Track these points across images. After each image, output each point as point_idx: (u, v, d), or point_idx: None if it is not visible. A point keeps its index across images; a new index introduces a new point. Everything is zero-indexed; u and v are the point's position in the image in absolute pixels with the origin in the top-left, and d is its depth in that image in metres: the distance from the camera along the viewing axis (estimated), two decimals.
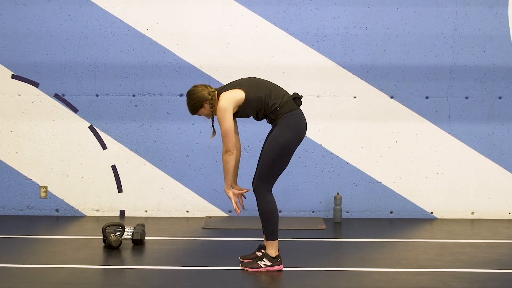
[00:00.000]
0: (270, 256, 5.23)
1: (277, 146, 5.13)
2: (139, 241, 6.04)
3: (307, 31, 7.16)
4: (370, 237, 6.43)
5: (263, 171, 5.18)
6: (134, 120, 7.25)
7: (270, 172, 5.18)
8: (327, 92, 7.23)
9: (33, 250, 5.86)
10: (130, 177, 7.31)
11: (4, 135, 7.25)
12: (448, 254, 5.81)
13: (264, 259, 5.23)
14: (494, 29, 7.16)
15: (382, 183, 7.31)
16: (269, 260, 5.23)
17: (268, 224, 5.23)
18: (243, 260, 5.39)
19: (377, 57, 7.19)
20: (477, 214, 7.35)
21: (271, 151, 5.15)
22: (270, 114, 5.19)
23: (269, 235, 5.23)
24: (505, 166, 7.29)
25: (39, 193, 7.30)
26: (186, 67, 7.20)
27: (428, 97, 7.23)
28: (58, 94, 7.22)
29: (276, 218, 5.22)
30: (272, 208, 5.21)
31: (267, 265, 5.22)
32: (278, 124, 5.17)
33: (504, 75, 7.20)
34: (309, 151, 7.26)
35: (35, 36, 7.16)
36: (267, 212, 5.20)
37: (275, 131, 5.18)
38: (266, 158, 5.17)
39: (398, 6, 7.15)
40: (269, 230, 5.23)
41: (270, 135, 5.23)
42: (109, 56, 7.18)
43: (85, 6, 7.13)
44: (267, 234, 5.25)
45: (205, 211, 7.34)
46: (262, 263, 5.22)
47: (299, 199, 7.31)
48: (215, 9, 7.15)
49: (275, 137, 5.15)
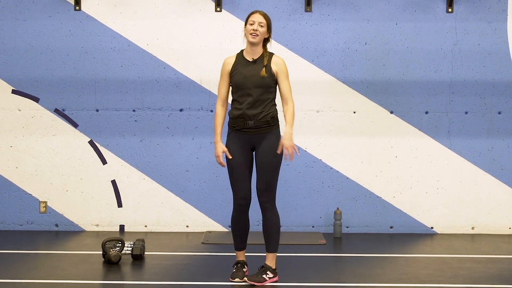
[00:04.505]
0: (272, 269, 5.36)
1: (278, 156, 5.26)
2: (138, 256, 6.02)
3: (307, 46, 7.19)
4: (370, 252, 6.42)
5: (273, 184, 5.31)
6: (134, 135, 7.25)
7: (276, 183, 5.33)
8: (327, 107, 7.24)
9: (32, 265, 5.85)
10: (130, 192, 7.30)
11: (4, 150, 7.25)
12: (448, 269, 5.80)
13: (268, 272, 5.33)
14: (493, 44, 7.18)
15: (382, 198, 7.30)
16: (272, 272, 5.35)
17: (277, 236, 5.39)
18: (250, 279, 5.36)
19: (376, 72, 7.21)
20: (477, 229, 7.34)
21: (275, 163, 5.27)
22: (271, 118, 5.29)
23: (275, 246, 5.38)
24: (505, 181, 7.28)
25: (38, 208, 7.29)
26: (186, 82, 7.21)
27: (428, 112, 7.24)
28: (58, 109, 7.23)
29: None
30: (279, 219, 5.40)
31: (270, 277, 5.33)
32: (273, 133, 5.29)
33: (503, 90, 7.21)
34: (309, 166, 7.26)
35: (35, 51, 7.18)
36: (277, 224, 5.38)
37: (272, 143, 5.25)
38: (272, 170, 5.28)
39: (397, 21, 7.18)
40: (276, 242, 5.38)
41: (265, 146, 5.26)
42: (109, 71, 7.20)
43: (85, 22, 7.16)
44: (273, 246, 5.37)
45: (205, 226, 7.33)
46: (267, 276, 5.32)
47: (299, 214, 7.30)
48: (215, 24, 7.18)
49: (274, 149, 5.24)
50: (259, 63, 5.29)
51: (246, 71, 5.26)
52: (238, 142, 5.31)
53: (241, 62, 5.33)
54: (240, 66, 5.31)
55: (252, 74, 5.25)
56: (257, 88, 5.23)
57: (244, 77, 5.25)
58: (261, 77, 5.23)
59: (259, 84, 5.23)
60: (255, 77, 5.23)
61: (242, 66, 5.30)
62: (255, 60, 5.30)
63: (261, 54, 5.32)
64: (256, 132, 5.27)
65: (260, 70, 5.25)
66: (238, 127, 5.28)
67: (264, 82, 5.24)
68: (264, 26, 5.25)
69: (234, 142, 5.32)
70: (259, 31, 5.23)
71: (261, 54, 5.32)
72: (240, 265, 5.44)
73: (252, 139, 5.29)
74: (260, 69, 5.25)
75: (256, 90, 5.22)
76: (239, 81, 5.26)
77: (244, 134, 5.29)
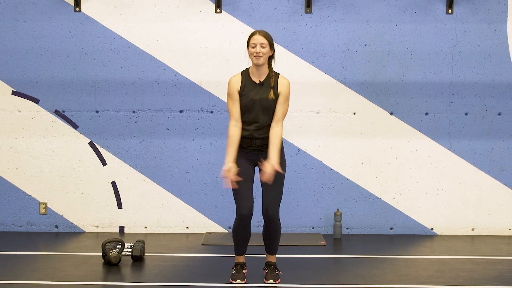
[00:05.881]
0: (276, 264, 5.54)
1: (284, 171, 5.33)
2: (138, 258, 6.02)
3: (307, 47, 7.19)
4: (370, 254, 6.42)
5: (280, 197, 5.41)
6: (134, 136, 7.25)
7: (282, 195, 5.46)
8: (327, 109, 7.24)
9: (32, 266, 5.85)
10: (130, 193, 7.30)
11: (4, 151, 7.25)
12: (448, 271, 5.80)
13: (278, 268, 5.50)
14: (493, 45, 7.18)
15: (382, 199, 7.30)
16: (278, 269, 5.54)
17: (278, 241, 5.51)
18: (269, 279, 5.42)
19: (376, 74, 7.21)
20: (477, 230, 7.34)
21: (282, 177, 5.33)
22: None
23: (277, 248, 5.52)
24: (505, 182, 7.28)
25: (38, 209, 7.29)
26: (186, 83, 7.21)
27: (428, 113, 7.25)
28: (58, 111, 7.23)
29: None
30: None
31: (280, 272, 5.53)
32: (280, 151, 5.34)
33: (503, 92, 7.21)
34: (309, 168, 7.26)
35: (35, 53, 7.18)
36: (280, 231, 5.49)
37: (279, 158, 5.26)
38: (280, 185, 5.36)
39: (397, 22, 7.18)
40: (278, 244, 5.51)
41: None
42: (109, 73, 7.20)
43: (85, 23, 7.16)
44: (276, 249, 5.50)
45: (205, 227, 7.33)
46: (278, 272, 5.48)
47: (299, 216, 7.30)
48: (215, 26, 7.18)
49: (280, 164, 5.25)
50: (266, 85, 5.29)
51: (253, 94, 5.26)
52: (244, 156, 5.33)
53: (248, 83, 5.31)
54: (247, 89, 5.29)
55: (260, 97, 5.25)
56: (265, 110, 5.26)
57: (252, 100, 5.25)
58: (270, 100, 5.26)
59: (267, 107, 5.25)
60: (263, 101, 5.25)
61: (250, 88, 5.29)
62: (262, 82, 5.30)
63: (267, 74, 5.32)
64: (261, 150, 5.32)
65: (268, 92, 5.26)
66: (245, 145, 5.31)
67: (273, 105, 5.28)
68: (266, 46, 5.23)
69: (240, 156, 5.32)
70: (262, 52, 5.22)
71: (267, 75, 5.31)
72: (240, 266, 5.45)
73: (257, 157, 5.33)
74: (268, 91, 5.27)
75: (264, 113, 5.25)
76: (248, 104, 5.26)
77: (250, 152, 5.32)
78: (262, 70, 5.28)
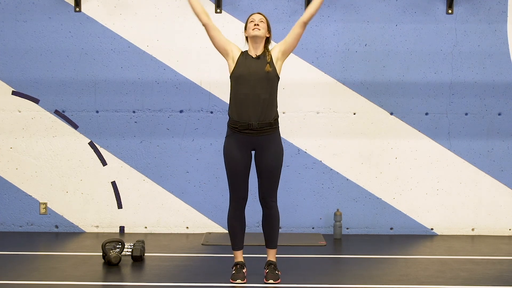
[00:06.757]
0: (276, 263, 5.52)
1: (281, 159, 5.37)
2: (138, 258, 6.02)
3: (307, 47, 7.19)
4: (370, 254, 6.41)
5: (277, 184, 5.43)
6: (134, 137, 7.25)
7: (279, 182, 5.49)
8: (327, 109, 7.24)
9: (32, 266, 5.85)
10: (130, 193, 7.30)
11: (4, 151, 7.26)
12: (448, 271, 5.80)
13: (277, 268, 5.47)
14: (493, 45, 7.18)
15: (382, 199, 7.30)
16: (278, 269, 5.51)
17: (278, 232, 5.51)
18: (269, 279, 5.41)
19: (376, 74, 7.21)
20: (477, 230, 7.34)
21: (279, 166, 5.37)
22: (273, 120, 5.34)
23: (276, 242, 5.51)
24: (505, 182, 7.28)
25: (38, 209, 7.29)
26: (186, 83, 7.21)
27: (428, 114, 7.25)
28: (58, 111, 7.23)
29: None
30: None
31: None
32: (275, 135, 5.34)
33: (503, 92, 7.21)
34: (309, 167, 7.26)
35: (35, 53, 7.18)
36: (279, 219, 5.51)
37: (276, 146, 5.32)
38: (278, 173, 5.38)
39: (397, 23, 7.18)
40: (277, 238, 5.51)
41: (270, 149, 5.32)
42: (109, 73, 7.20)
43: (85, 23, 7.16)
44: (275, 242, 5.49)
45: (205, 227, 7.33)
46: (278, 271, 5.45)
47: (299, 216, 7.30)
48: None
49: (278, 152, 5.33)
50: (262, 60, 5.34)
51: (250, 66, 5.30)
52: (239, 143, 5.31)
53: (246, 56, 5.38)
54: (244, 59, 5.35)
55: (255, 69, 5.28)
56: (261, 82, 5.26)
57: (248, 71, 5.28)
58: (266, 72, 5.28)
59: (263, 79, 5.26)
60: (260, 71, 5.28)
61: (247, 60, 5.35)
62: (258, 56, 5.36)
63: (262, 52, 5.39)
64: (258, 134, 5.28)
65: (264, 65, 5.30)
66: (241, 128, 5.28)
67: (269, 77, 5.28)
68: (265, 23, 5.36)
69: (234, 143, 5.32)
70: (261, 26, 5.32)
71: (263, 52, 5.38)
72: (239, 266, 5.45)
73: (254, 140, 5.30)
74: (264, 65, 5.30)
75: (261, 85, 5.25)
76: (243, 73, 5.29)
77: (246, 135, 5.29)
78: (259, 47, 5.37)
